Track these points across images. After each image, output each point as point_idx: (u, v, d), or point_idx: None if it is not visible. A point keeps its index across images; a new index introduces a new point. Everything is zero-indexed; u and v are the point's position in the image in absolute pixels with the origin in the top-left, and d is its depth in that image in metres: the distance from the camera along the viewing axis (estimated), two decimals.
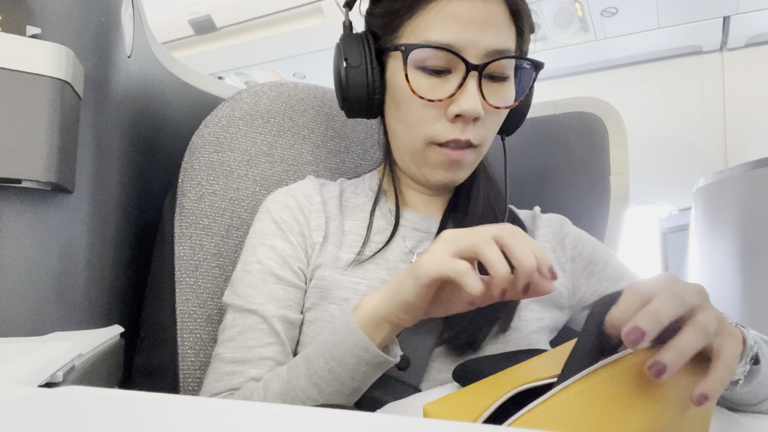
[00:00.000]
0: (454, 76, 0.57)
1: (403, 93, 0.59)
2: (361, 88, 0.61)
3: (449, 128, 0.58)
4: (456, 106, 0.56)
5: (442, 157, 0.59)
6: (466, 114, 0.56)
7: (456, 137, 0.58)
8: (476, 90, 0.56)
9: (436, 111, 0.58)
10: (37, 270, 0.50)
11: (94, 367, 0.50)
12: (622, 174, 0.88)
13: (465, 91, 0.56)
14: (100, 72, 0.57)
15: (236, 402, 0.26)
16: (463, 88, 0.56)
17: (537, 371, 0.40)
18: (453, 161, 0.60)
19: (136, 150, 0.70)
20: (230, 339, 0.59)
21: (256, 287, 0.60)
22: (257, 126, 0.78)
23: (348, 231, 0.64)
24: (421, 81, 0.58)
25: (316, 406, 0.46)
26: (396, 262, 0.63)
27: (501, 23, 0.57)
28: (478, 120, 0.58)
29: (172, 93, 0.85)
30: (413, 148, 0.61)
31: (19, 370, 0.34)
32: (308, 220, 0.64)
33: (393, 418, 0.23)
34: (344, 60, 0.61)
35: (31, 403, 0.25)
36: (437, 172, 0.61)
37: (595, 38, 1.81)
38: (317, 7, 1.75)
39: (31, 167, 0.46)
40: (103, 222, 0.58)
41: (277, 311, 0.59)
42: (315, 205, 0.65)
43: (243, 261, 0.63)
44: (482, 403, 0.37)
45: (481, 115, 0.57)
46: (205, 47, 1.96)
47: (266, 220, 0.64)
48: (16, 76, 0.46)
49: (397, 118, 0.62)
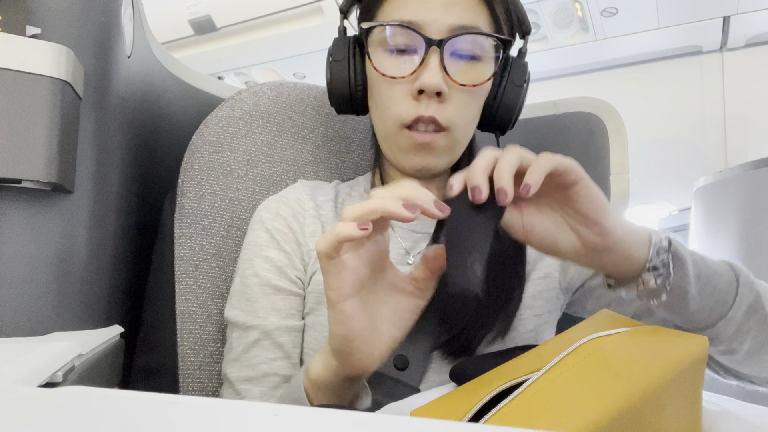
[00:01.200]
0: (418, 54, 0.58)
1: (373, 77, 0.61)
2: (343, 82, 0.63)
3: (414, 106, 0.58)
4: (418, 83, 0.57)
5: (411, 140, 0.59)
6: (427, 88, 0.56)
7: (420, 114, 0.57)
8: (438, 65, 0.56)
9: (402, 90, 0.58)
10: (37, 270, 0.50)
11: (94, 367, 0.50)
12: (622, 174, 0.88)
13: (427, 66, 0.56)
14: (100, 72, 0.57)
15: (236, 402, 0.26)
16: (425, 63, 0.57)
17: (524, 367, 0.40)
18: (421, 144, 0.59)
19: (136, 150, 0.70)
20: (236, 359, 0.59)
21: (257, 301, 0.60)
22: (257, 126, 0.78)
23: None
24: (387, 61, 0.59)
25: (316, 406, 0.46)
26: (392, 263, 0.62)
27: (467, 2, 0.58)
28: (441, 96, 0.57)
29: (172, 93, 0.85)
30: (387, 134, 0.62)
31: (19, 370, 0.34)
32: (303, 226, 0.64)
33: (393, 419, 0.23)
34: (329, 56, 0.64)
35: (31, 403, 0.25)
36: (409, 157, 0.61)
37: (595, 38, 1.81)
38: (317, 7, 1.75)
39: (31, 167, 0.46)
40: (103, 222, 0.58)
41: (280, 323, 0.59)
42: (308, 210, 0.65)
43: (240, 275, 0.62)
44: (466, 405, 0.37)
45: (442, 89, 0.56)
46: (205, 47, 1.96)
47: (259, 231, 0.64)
48: (16, 76, 0.46)
49: (373, 106, 0.63)
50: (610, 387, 0.35)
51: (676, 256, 0.48)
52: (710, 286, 0.50)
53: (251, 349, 0.58)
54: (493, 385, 0.38)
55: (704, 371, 0.42)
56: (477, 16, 0.58)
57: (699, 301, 0.49)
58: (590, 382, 0.35)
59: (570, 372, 0.37)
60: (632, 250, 0.46)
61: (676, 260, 0.48)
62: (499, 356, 0.45)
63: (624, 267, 0.47)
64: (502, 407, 0.35)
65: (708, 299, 0.50)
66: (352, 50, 0.63)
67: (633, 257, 0.47)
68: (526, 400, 0.35)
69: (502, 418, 0.34)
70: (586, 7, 1.66)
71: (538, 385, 0.36)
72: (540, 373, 0.37)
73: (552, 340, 0.45)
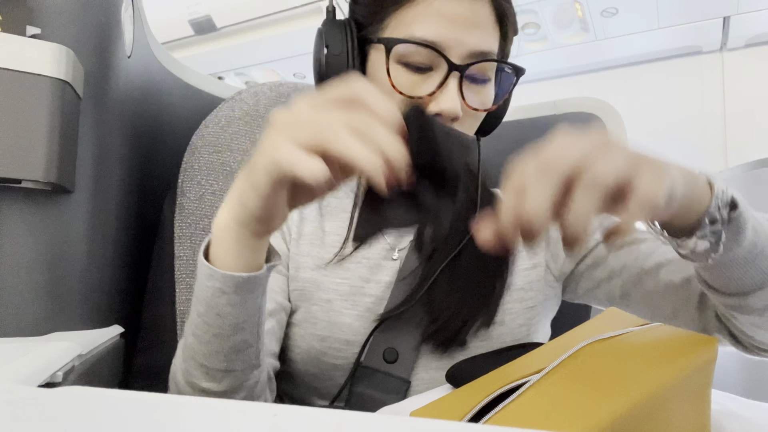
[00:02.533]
0: (435, 74, 0.57)
1: (383, 87, 0.58)
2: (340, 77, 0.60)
3: None
4: (435, 105, 0.56)
5: None
6: (445, 114, 0.56)
7: None
8: (456, 90, 0.56)
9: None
10: (37, 270, 0.50)
11: (94, 367, 0.50)
12: None
13: (445, 91, 0.56)
14: (100, 72, 0.57)
15: (236, 402, 0.26)
16: (444, 87, 0.56)
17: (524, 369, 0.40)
18: None
19: (136, 150, 0.70)
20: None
21: None
22: (257, 126, 0.78)
23: (329, 231, 0.65)
24: (403, 76, 0.57)
25: (315, 407, 0.46)
26: (377, 259, 0.63)
27: (487, 25, 0.57)
28: (456, 120, 0.57)
29: (172, 93, 0.85)
30: None
31: (19, 370, 0.34)
32: (289, 218, 0.65)
33: (392, 419, 0.23)
34: (325, 47, 0.60)
35: (31, 403, 0.25)
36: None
37: (595, 38, 1.81)
38: (317, 7, 1.75)
39: (31, 167, 0.46)
40: (103, 222, 0.58)
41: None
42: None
43: None
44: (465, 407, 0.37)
45: (459, 116, 0.56)
46: (205, 47, 1.96)
47: None
48: (16, 76, 0.46)
49: None
50: (611, 391, 0.34)
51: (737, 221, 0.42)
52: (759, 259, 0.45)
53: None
54: (492, 387, 0.38)
55: (713, 373, 0.41)
56: (493, 39, 0.58)
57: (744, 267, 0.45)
58: (591, 385, 0.35)
59: (570, 375, 0.36)
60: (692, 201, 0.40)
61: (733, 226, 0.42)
62: (496, 356, 0.45)
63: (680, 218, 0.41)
64: (500, 410, 0.35)
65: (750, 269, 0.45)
66: (349, 43, 0.60)
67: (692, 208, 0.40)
68: (524, 403, 0.35)
69: (500, 421, 0.34)
70: (586, 7, 1.66)
71: (537, 388, 0.36)
72: (539, 376, 0.37)
73: (555, 341, 0.44)
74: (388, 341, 0.56)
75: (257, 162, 0.38)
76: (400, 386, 0.55)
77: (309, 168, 0.35)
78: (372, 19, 0.60)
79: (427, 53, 0.55)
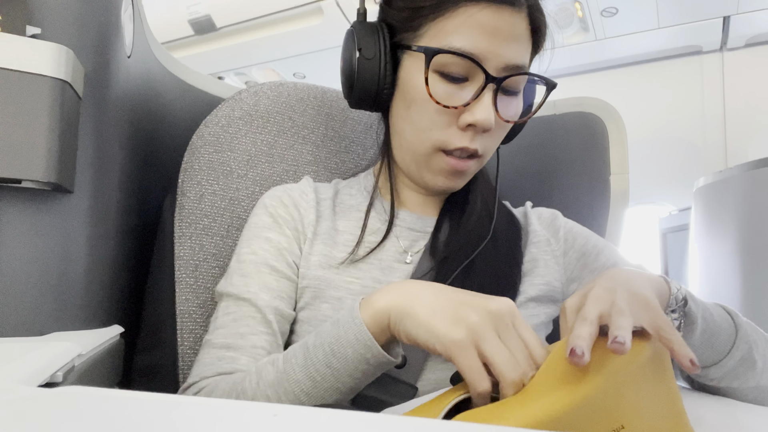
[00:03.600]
0: (471, 84, 0.57)
1: (417, 94, 0.58)
2: (372, 81, 0.60)
3: (459, 136, 0.58)
4: (470, 116, 0.56)
5: (446, 165, 0.60)
6: (479, 125, 0.56)
7: (465, 145, 0.58)
8: (491, 102, 0.56)
9: (448, 118, 0.58)
10: (37, 270, 0.50)
11: (94, 367, 0.50)
12: (622, 174, 0.88)
13: (481, 102, 0.56)
14: (100, 72, 0.57)
15: (236, 402, 0.26)
16: (480, 98, 0.56)
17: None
18: (457, 171, 0.60)
19: (136, 150, 0.70)
20: (222, 326, 0.58)
21: (250, 277, 0.60)
22: (257, 126, 0.78)
23: (342, 230, 0.65)
24: (439, 86, 0.57)
25: (315, 406, 0.46)
26: (390, 261, 0.63)
27: (522, 38, 0.57)
28: (487, 132, 0.58)
29: (172, 93, 0.85)
30: (419, 151, 0.61)
31: (19, 370, 0.34)
32: (303, 217, 0.65)
33: (393, 419, 0.23)
34: (357, 50, 0.60)
35: (31, 403, 0.25)
36: (438, 179, 0.62)
37: (595, 38, 1.81)
38: (317, 7, 1.75)
39: (31, 167, 0.46)
40: (103, 222, 0.58)
41: (270, 301, 0.58)
42: (309, 203, 0.66)
43: (238, 253, 0.63)
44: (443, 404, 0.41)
45: (492, 127, 0.57)
46: (205, 47, 1.96)
47: (262, 215, 0.64)
48: (16, 76, 0.46)
49: (405, 117, 0.61)
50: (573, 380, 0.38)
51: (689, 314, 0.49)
52: (712, 340, 0.51)
53: (241, 319, 0.58)
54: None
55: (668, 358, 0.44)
56: (526, 51, 0.59)
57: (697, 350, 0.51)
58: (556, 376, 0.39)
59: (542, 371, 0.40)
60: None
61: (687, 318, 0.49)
62: None
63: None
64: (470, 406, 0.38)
65: (706, 350, 0.52)
66: (382, 48, 0.60)
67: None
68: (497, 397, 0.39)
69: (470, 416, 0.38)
70: (586, 7, 1.66)
71: None
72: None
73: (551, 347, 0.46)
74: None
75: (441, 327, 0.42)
76: (407, 390, 0.55)
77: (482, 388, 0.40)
78: (407, 25, 0.59)
79: (464, 64, 0.56)
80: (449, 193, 0.68)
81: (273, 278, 0.60)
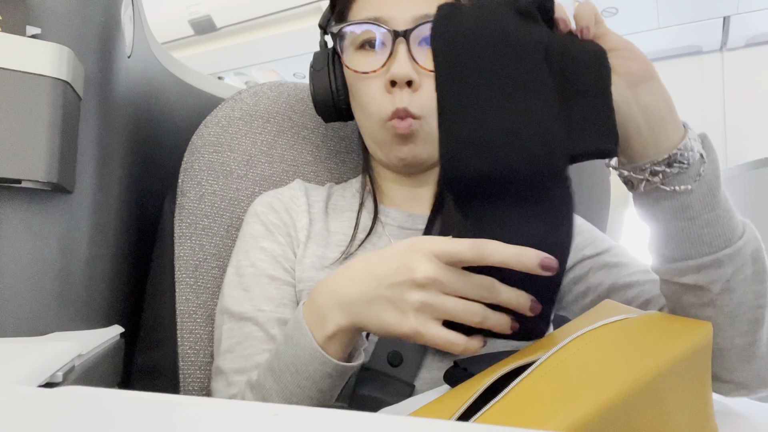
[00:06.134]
0: (387, 48, 0.60)
1: (351, 78, 0.62)
2: (325, 90, 0.66)
3: (389, 99, 0.60)
4: (389, 74, 0.58)
5: (391, 132, 0.61)
6: (397, 78, 0.57)
7: (396, 107, 0.59)
8: (405, 55, 0.58)
9: (377, 85, 0.60)
10: (37, 270, 0.50)
11: (94, 367, 0.50)
12: None
13: (395, 58, 0.58)
14: (100, 72, 0.57)
15: (236, 402, 0.26)
16: (393, 55, 0.58)
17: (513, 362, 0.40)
18: (401, 135, 0.60)
19: (136, 150, 0.70)
20: (229, 350, 0.59)
21: (251, 290, 0.60)
22: (257, 126, 0.78)
23: (334, 231, 0.65)
24: (361, 59, 0.61)
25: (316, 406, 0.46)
26: None
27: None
28: (413, 85, 0.59)
29: (172, 93, 0.85)
30: (373, 132, 0.63)
31: (19, 370, 0.34)
32: (294, 221, 0.65)
33: (393, 419, 0.23)
34: (311, 68, 0.66)
35: (31, 403, 0.25)
36: (393, 149, 0.63)
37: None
38: (317, 7, 1.75)
39: (31, 167, 0.46)
40: (103, 222, 0.58)
41: (272, 313, 0.59)
42: (300, 206, 0.66)
43: (235, 265, 0.63)
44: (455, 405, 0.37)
45: (412, 77, 0.58)
46: (205, 47, 1.96)
47: (255, 224, 0.65)
48: (16, 76, 0.46)
49: (356, 107, 0.65)
50: (601, 381, 0.34)
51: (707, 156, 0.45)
52: (725, 209, 0.45)
53: (245, 340, 0.58)
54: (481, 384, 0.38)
55: (710, 359, 0.41)
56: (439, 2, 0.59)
57: (711, 214, 0.45)
58: (578, 378, 0.35)
59: (560, 368, 0.37)
60: (664, 124, 0.45)
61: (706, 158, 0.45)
62: (493, 358, 0.45)
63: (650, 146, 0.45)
64: (490, 406, 0.35)
65: (719, 219, 0.45)
66: (330, 59, 0.66)
67: (662, 135, 0.45)
68: (514, 398, 0.35)
69: (489, 417, 0.34)
70: None
71: (526, 382, 0.36)
72: (529, 371, 0.37)
73: (547, 337, 0.45)
74: (392, 344, 0.55)
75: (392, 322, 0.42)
76: (403, 389, 0.55)
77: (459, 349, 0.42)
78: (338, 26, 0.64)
79: (374, 30, 0.59)
80: (437, 185, 0.68)
81: (273, 287, 0.60)
